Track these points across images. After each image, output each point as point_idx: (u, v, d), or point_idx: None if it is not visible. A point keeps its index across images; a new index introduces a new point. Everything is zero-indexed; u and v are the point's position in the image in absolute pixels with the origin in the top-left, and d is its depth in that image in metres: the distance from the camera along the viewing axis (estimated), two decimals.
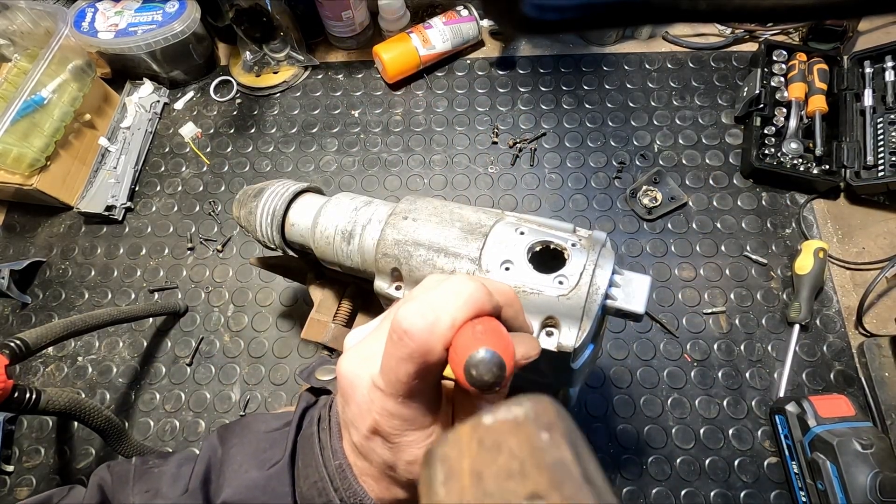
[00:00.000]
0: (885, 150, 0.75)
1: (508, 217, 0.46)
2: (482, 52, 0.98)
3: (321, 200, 0.55)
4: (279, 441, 0.32)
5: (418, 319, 0.23)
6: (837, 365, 0.70)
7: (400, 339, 0.23)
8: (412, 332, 0.22)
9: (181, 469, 0.35)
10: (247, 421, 0.36)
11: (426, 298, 0.24)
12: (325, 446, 0.29)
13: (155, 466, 0.36)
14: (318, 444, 0.29)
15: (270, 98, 0.97)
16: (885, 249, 0.75)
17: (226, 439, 0.34)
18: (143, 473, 0.36)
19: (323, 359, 0.39)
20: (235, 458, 0.32)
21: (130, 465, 0.36)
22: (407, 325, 0.23)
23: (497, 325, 0.24)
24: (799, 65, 0.83)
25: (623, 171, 0.85)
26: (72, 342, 0.79)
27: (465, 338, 0.22)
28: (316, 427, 0.30)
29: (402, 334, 0.23)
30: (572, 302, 0.40)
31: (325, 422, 0.30)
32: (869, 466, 0.55)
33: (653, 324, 0.74)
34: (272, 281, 0.81)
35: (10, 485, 0.71)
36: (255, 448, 0.33)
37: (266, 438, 0.33)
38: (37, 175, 0.83)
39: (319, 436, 0.30)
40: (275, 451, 0.32)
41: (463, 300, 0.23)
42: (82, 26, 0.89)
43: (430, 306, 0.23)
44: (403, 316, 0.23)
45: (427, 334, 0.22)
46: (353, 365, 0.26)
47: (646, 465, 0.67)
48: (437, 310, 0.23)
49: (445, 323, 0.23)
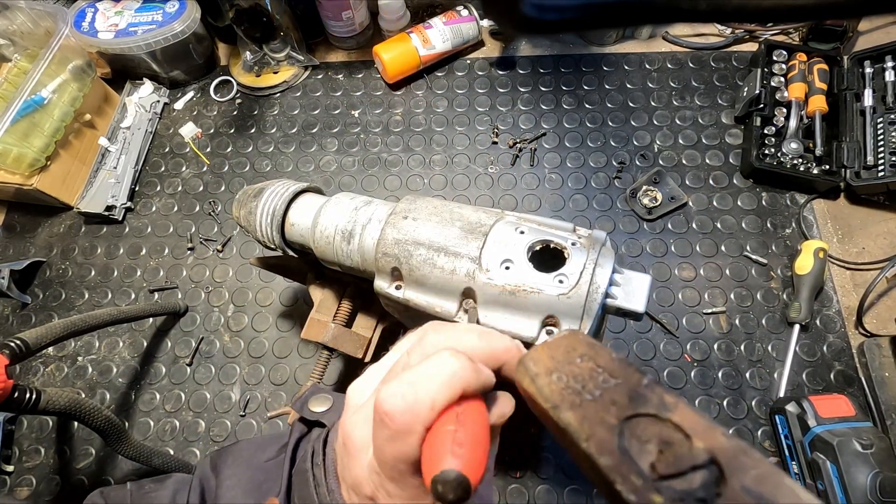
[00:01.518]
0: (885, 150, 0.75)
1: (508, 216, 0.46)
2: (482, 52, 0.98)
3: (321, 200, 0.55)
4: (273, 473, 0.32)
5: (399, 401, 0.22)
6: (837, 365, 0.70)
7: (381, 420, 0.23)
8: (392, 413, 0.22)
9: (176, 497, 0.34)
10: (239, 448, 0.35)
11: (408, 377, 0.23)
12: (319, 483, 0.29)
13: (152, 491, 0.36)
14: (312, 480, 0.29)
15: (270, 98, 0.97)
16: (885, 249, 0.75)
17: (219, 469, 0.34)
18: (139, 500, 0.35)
19: (315, 387, 0.38)
20: (230, 491, 0.32)
21: (126, 492, 0.36)
22: (388, 406, 0.22)
23: (474, 427, 0.23)
24: (799, 65, 0.83)
25: (623, 171, 0.85)
26: (72, 342, 0.80)
27: (440, 439, 0.22)
28: (310, 463, 0.30)
29: (384, 415, 0.23)
30: (572, 301, 0.40)
31: (318, 457, 0.30)
32: (869, 466, 0.55)
33: (653, 324, 0.74)
34: (272, 281, 0.81)
35: (10, 485, 0.71)
36: (249, 480, 0.32)
37: (260, 469, 0.33)
38: (37, 175, 0.83)
39: (314, 472, 0.29)
40: (270, 484, 0.31)
41: (444, 381, 0.23)
42: (82, 26, 0.89)
43: (412, 387, 0.23)
44: (384, 397, 0.23)
45: (408, 416, 0.22)
46: (356, 427, 0.26)
47: None
48: (418, 391, 0.23)
49: (425, 405, 0.22)
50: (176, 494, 0.35)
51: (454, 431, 0.22)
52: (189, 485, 0.35)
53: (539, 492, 0.66)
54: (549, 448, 0.68)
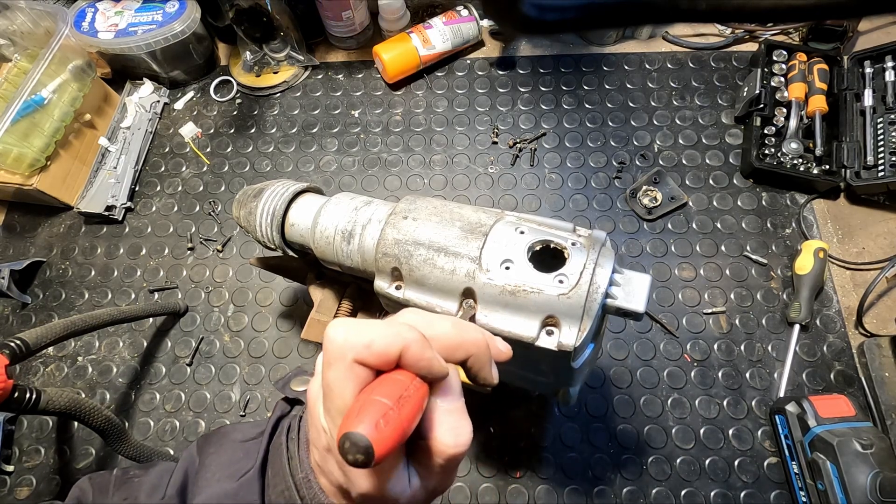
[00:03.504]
0: (885, 150, 0.75)
1: (508, 216, 0.46)
2: (482, 52, 0.98)
3: (321, 200, 0.55)
4: (252, 451, 0.32)
5: (340, 331, 0.24)
6: (837, 365, 0.70)
7: (325, 343, 0.24)
8: (332, 339, 0.24)
9: (161, 479, 0.35)
10: (225, 430, 0.36)
11: (362, 322, 0.25)
12: (292, 456, 0.29)
13: (135, 476, 0.36)
14: (286, 453, 0.30)
15: (270, 98, 0.97)
16: (885, 249, 0.75)
17: (203, 449, 0.35)
18: (122, 483, 0.36)
19: (299, 369, 0.39)
20: (210, 467, 0.33)
21: (111, 476, 0.37)
22: (331, 333, 0.24)
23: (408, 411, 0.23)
24: (799, 65, 0.83)
25: (623, 171, 0.85)
26: (72, 342, 0.79)
27: (371, 404, 0.22)
28: (285, 437, 0.31)
29: (326, 341, 0.24)
30: (572, 301, 0.40)
31: (294, 431, 0.31)
32: (869, 466, 0.55)
33: (653, 324, 0.74)
34: (272, 281, 0.81)
35: (10, 485, 0.71)
36: (229, 457, 0.33)
37: (241, 448, 0.33)
38: (37, 175, 0.83)
39: (288, 445, 0.30)
40: (248, 460, 0.32)
41: (388, 332, 0.24)
42: (82, 26, 0.89)
43: (357, 325, 0.24)
44: (330, 328, 0.24)
45: (342, 343, 0.23)
46: (315, 386, 0.27)
47: (646, 465, 0.67)
48: (361, 329, 0.24)
49: (362, 339, 0.23)
50: (160, 477, 0.35)
51: (389, 407, 0.22)
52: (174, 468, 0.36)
53: (539, 492, 0.66)
54: (549, 448, 0.68)
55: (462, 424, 0.26)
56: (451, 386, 0.26)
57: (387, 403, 0.22)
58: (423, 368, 0.24)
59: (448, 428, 0.25)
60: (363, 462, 0.21)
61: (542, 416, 0.70)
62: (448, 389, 0.26)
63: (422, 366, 0.24)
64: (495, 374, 0.29)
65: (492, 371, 0.29)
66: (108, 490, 0.36)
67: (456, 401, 0.26)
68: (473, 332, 0.27)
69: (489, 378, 0.28)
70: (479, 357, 0.27)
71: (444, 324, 0.27)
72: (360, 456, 0.21)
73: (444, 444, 0.25)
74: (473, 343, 0.27)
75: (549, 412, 0.70)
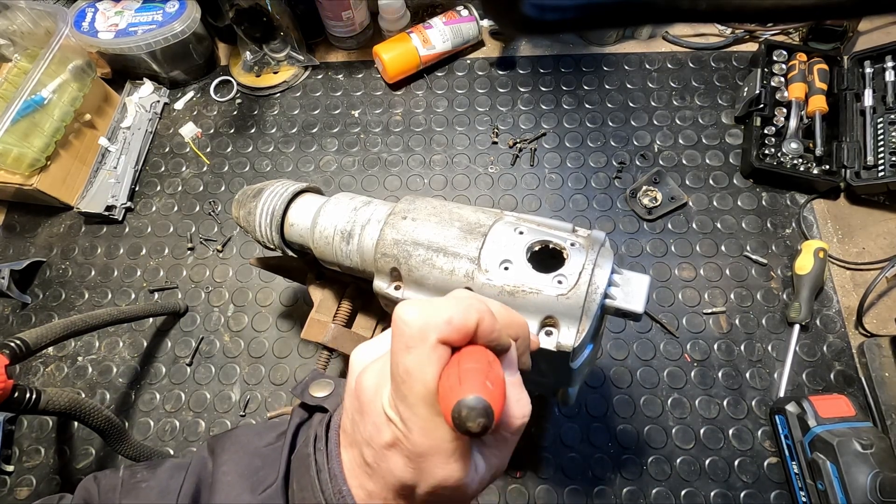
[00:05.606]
0: (885, 150, 0.75)
1: (507, 217, 0.46)
2: (482, 52, 0.98)
3: (320, 200, 0.55)
4: (271, 459, 0.31)
5: (415, 311, 0.23)
6: (837, 365, 0.70)
7: (398, 328, 0.23)
8: (409, 321, 0.23)
9: (170, 482, 0.33)
10: (237, 433, 0.34)
11: (427, 300, 0.24)
12: (321, 469, 0.28)
13: (143, 480, 0.35)
14: (314, 466, 0.28)
15: (270, 98, 0.97)
16: (885, 249, 0.75)
17: (216, 453, 0.33)
18: (130, 488, 0.35)
19: (316, 373, 0.37)
20: (227, 476, 0.31)
21: (118, 479, 0.35)
22: (405, 315, 0.23)
23: (492, 362, 0.23)
24: (799, 65, 0.83)
25: (623, 171, 0.85)
26: (72, 342, 0.80)
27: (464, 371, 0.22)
28: (312, 448, 0.29)
29: (401, 323, 0.23)
30: (571, 301, 0.40)
31: (321, 442, 0.29)
32: (869, 466, 0.55)
33: (653, 324, 0.74)
34: (272, 281, 0.81)
35: (10, 485, 0.71)
36: (246, 466, 0.32)
37: (258, 455, 0.32)
38: (37, 175, 0.83)
39: (316, 457, 0.28)
40: (268, 470, 0.31)
41: (462, 306, 0.24)
42: (82, 26, 0.89)
43: (429, 304, 0.24)
44: (401, 310, 0.24)
45: (422, 322, 0.23)
46: (368, 378, 0.26)
47: (646, 465, 0.66)
48: (436, 306, 0.24)
49: (441, 317, 0.23)
50: (170, 480, 0.34)
51: (486, 371, 0.22)
52: (184, 469, 0.34)
53: (539, 492, 0.66)
54: (549, 448, 0.68)
55: (524, 396, 0.26)
56: (511, 359, 0.26)
57: (482, 368, 0.22)
58: (494, 340, 0.25)
59: (515, 399, 0.25)
60: (484, 426, 0.20)
61: (542, 416, 0.70)
62: (511, 362, 0.26)
63: (493, 337, 0.24)
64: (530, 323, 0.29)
65: (528, 356, 0.29)
66: (115, 494, 0.34)
67: (516, 373, 0.27)
68: (517, 314, 0.28)
69: (527, 362, 0.28)
70: (524, 339, 0.28)
71: (495, 302, 0.27)
72: (482, 419, 0.19)
73: (512, 415, 0.25)
74: (521, 324, 0.28)
75: (548, 412, 0.70)
